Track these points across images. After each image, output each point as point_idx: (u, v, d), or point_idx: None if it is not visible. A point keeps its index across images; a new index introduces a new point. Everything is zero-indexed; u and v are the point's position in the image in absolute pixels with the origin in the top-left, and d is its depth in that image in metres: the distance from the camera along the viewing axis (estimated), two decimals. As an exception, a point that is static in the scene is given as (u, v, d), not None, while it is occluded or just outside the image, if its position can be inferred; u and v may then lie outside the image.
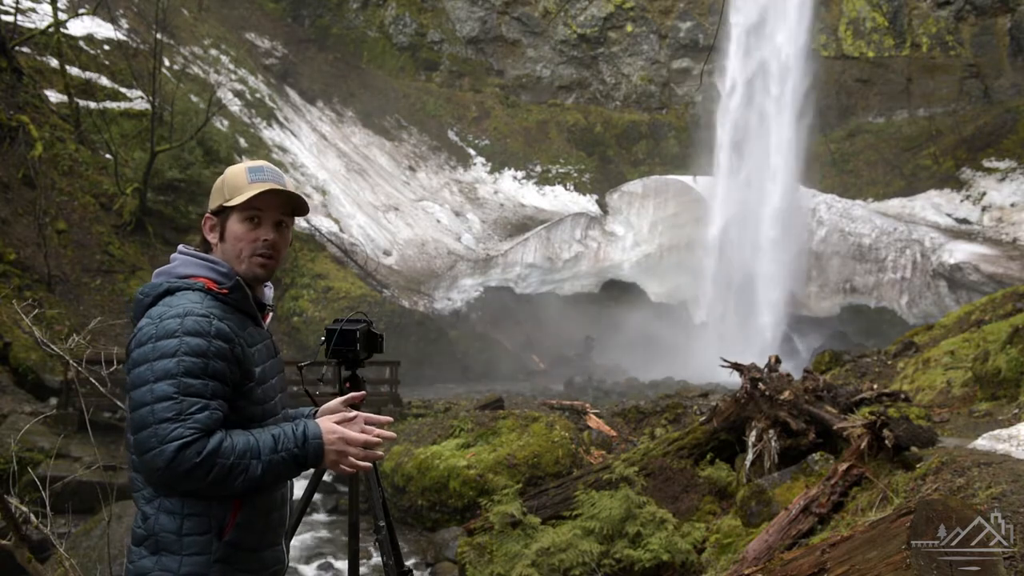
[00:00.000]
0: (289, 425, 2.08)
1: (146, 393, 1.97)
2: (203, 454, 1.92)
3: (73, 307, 17.84)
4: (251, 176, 2.23)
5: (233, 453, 1.95)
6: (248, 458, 1.97)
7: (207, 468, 1.92)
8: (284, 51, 34.72)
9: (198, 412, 1.95)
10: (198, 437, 1.93)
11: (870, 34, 33.70)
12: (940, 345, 11.46)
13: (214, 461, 1.93)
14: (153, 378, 1.98)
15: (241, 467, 1.96)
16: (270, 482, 2.02)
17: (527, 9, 37.13)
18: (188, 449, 1.91)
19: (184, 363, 1.99)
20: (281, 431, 2.05)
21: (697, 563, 6.89)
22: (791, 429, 7.59)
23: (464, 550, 8.19)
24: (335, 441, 2.09)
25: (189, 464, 1.91)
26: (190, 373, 1.99)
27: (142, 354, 2.02)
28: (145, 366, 2.00)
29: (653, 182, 31.72)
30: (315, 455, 2.06)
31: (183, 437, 1.91)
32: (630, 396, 19.75)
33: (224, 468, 1.94)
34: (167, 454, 1.91)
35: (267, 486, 2.04)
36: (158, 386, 1.97)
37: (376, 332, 2.59)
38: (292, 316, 22.42)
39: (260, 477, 1.98)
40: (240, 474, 1.96)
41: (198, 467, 1.91)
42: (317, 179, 28.43)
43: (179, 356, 1.99)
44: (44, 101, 22.25)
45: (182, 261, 2.22)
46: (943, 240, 26.54)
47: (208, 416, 1.97)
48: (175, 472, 1.91)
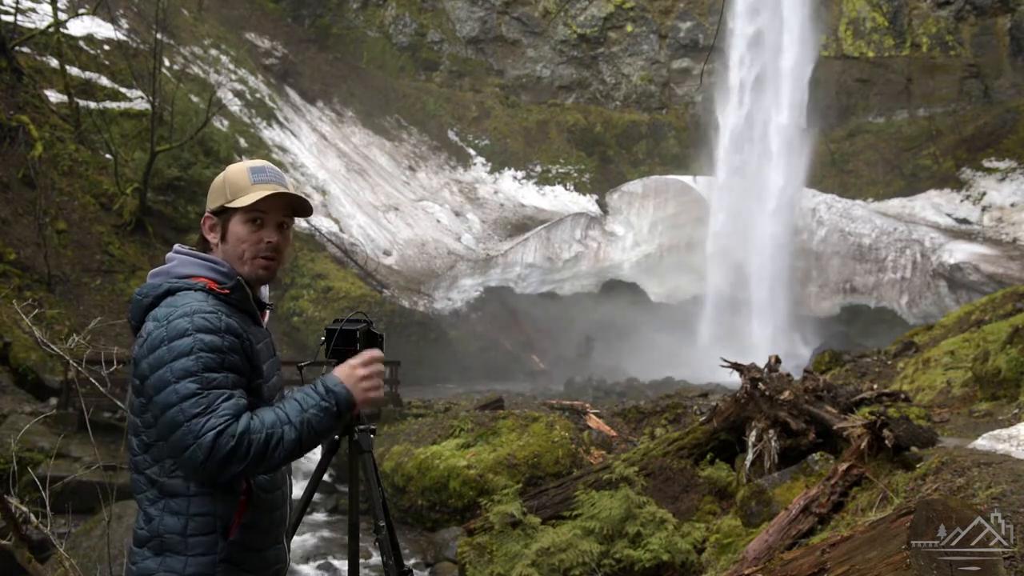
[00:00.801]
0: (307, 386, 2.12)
1: (171, 394, 1.98)
2: (236, 436, 1.94)
3: (73, 307, 17.83)
4: (254, 177, 2.23)
5: (264, 427, 1.98)
6: (279, 426, 2.00)
7: (244, 448, 1.95)
8: (284, 51, 34.71)
9: (224, 401, 1.99)
10: (230, 423, 1.96)
11: (870, 34, 33.70)
12: (940, 345, 11.45)
13: (248, 439, 1.95)
14: (174, 379, 1.99)
15: (276, 437, 1.98)
16: (310, 443, 2.05)
17: (527, 9, 37.13)
18: (222, 436, 1.94)
19: (202, 359, 2.00)
20: (303, 393, 2.09)
21: (697, 563, 6.89)
22: (791, 429, 7.59)
23: (464, 550, 8.19)
24: (352, 375, 2.14)
25: (227, 449, 1.93)
26: (209, 368, 2.01)
27: (158, 358, 2.02)
28: (164, 369, 2.00)
29: (653, 182, 31.72)
30: (346, 399, 2.11)
31: (216, 427, 1.94)
32: (630, 396, 19.75)
33: (260, 442, 1.97)
34: (205, 446, 1.93)
35: (308, 447, 2.07)
36: (181, 385, 1.98)
37: (376, 332, 2.59)
38: (292, 316, 22.42)
39: (296, 440, 2.01)
40: (277, 444, 1.99)
41: (235, 450, 1.94)
42: (317, 179, 28.43)
43: (196, 353, 2.01)
44: (44, 101, 22.24)
45: (181, 261, 2.21)
46: (943, 240, 26.54)
47: (235, 403, 2.00)
48: (216, 460, 1.94)
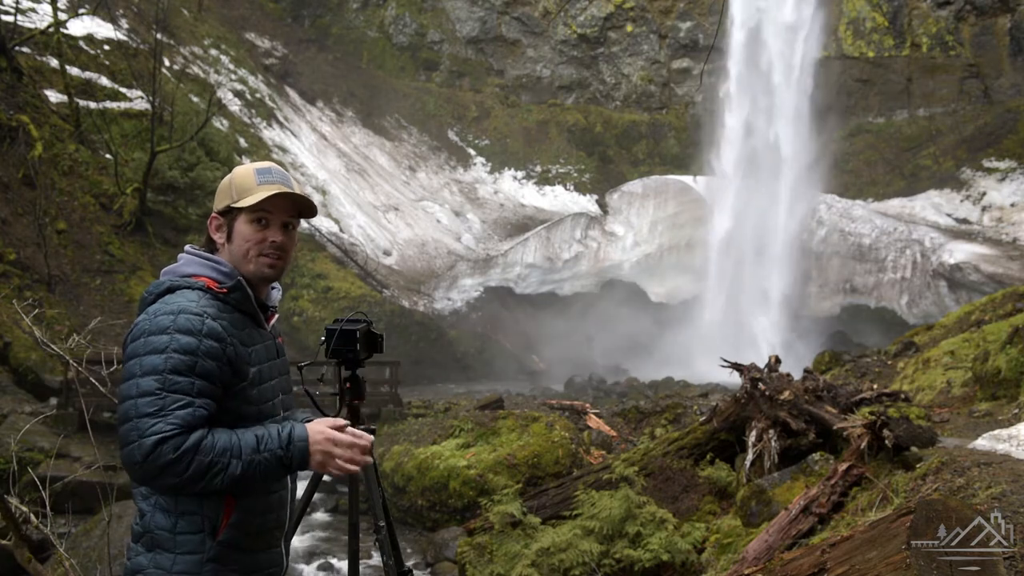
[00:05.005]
0: (276, 426, 2.08)
1: (131, 387, 1.99)
2: (180, 450, 1.92)
3: (73, 307, 17.84)
4: (259, 178, 2.25)
5: (212, 451, 1.95)
6: (228, 456, 1.97)
7: (185, 464, 1.92)
8: (284, 51, 34.70)
9: (180, 408, 1.96)
10: (177, 433, 1.93)
11: (870, 34, 33.69)
12: (940, 345, 11.45)
13: (192, 458, 1.93)
14: (140, 373, 2.00)
15: (220, 465, 1.96)
16: (253, 481, 2.02)
17: (527, 9, 37.11)
18: (166, 444, 1.92)
19: (172, 360, 2.00)
20: (266, 432, 2.04)
21: (697, 563, 6.88)
22: (791, 429, 7.58)
23: (464, 550, 8.18)
24: (321, 442, 2.08)
25: (165, 460, 1.91)
26: (176, 370, 1.99)
27: (134, 349, 2.04)
28: (134, 360, 2.02)
29: (653, 182, 31.71)
30: (300, 457, 2.05)
31: (161, 432, 1.92)
32: (630, 396, 19.75)
33: (202, 465, 1.94)
34: (144, 448, 1.92)
35: (249, 485, 2.04)
36: (143, 381, 1.98)
37: (376, 332, 2.60)
38: (292, 316, 22.42)
39: (239, 477, 1.98)
40: (219, 472, 1.96)
41: (175, 463, 1.92)
42: (317, 179, 28.42)
43: (168, 353, 2.00)
44: (44, 101, 22.24)
45: (186, 260, 2.24)
46: (943, 240, 26.53)
47: (190, 413, 1.97)
48: (152, 467, 1.92)
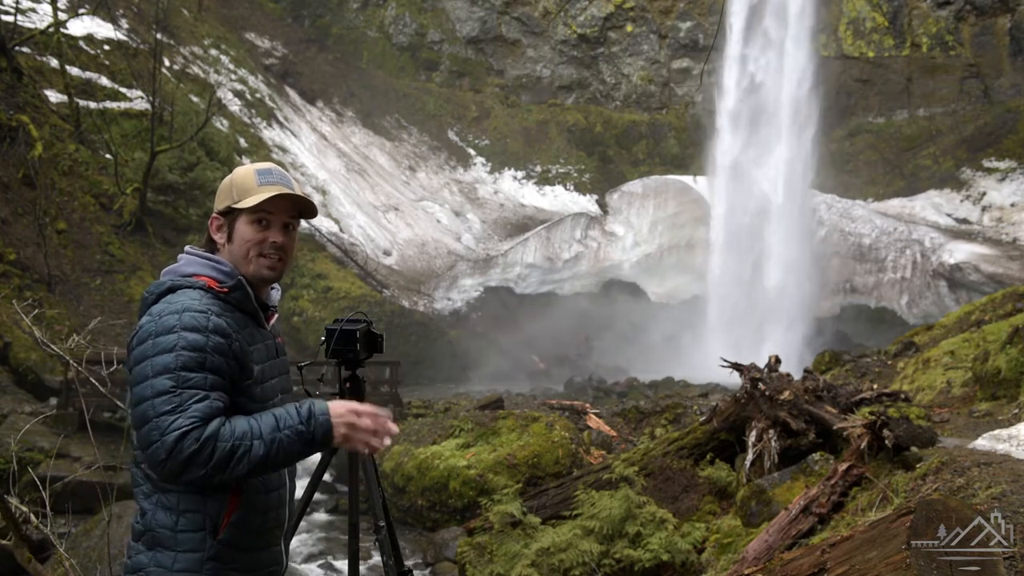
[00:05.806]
0: (293, 404, 2.09)
1: (146, 388, 2.01)
2: (201, 440, 1.93)
3: (73, 307, 17.83)
4: (260, 179, 2.27)
5: (233, 436, 1.96)
6: (249, 439, 1.98)
7: (208, 453, 1.94)
8: (284, 51, 34.69)
9: (197, 402, 1.98)
10: (196, 425, 1.95)
11: (870, 34, 33.69)
12: (940, 345, 11.44)
13: (213, 445, 1.94)
14: (152, 374, 2.01)
15: (243, 448, 1.96)
16: (277, 462, 2.02)
17: (527, 9, 37.10)
18: (187, 438, 1.93)
19: (182, 358, 2.01)
20: (284, 410, 2.05)
21: (697, 563, 6.88)
22: (791, 429, 7.58)
23: (464, 550, 8.18)
24: (345, 414, 2.08)
25: (189, 451, 1.93)
26: (187, 367, 2.01)
27: (142, 351, 2.05)
28: (145, 362, 2.03)
29: (653, 182, 31.70)
30: (323, 431, 2.05)
31: (182, 427, 1.94)
32: (630, 396, 19.74)
33: (224, 451, 1.95)
34: (168, 444, 1.93)
35: (275, 466, 2.04)
36: (157, 381, 2.00)
37: (376, 332, 2.60)
38: (292, 316, 22.41)
39: (263, 457, 1.99)
40: (243, 456, 1.96)
41: (198, 453, 1.93)
42: (317, 179, 28.42)
43: (177, 351, 2.02)
44: (44, 101, 22.24)
45: (187, 260, 2.26)
46: (943, 240, 26.53)
47: (208, 406, 1.99)
48: (177, 461, 1.93)
